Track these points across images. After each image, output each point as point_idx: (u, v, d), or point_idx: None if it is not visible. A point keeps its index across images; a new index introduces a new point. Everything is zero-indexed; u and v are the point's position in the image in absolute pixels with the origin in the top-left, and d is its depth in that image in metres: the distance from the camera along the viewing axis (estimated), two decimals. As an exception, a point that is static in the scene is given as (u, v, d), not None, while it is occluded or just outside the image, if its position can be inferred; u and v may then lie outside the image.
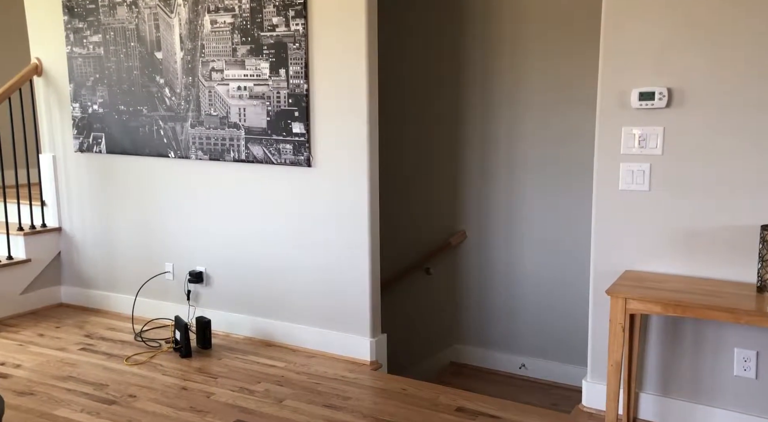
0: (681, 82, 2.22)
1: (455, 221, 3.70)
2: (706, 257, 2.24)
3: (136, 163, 3.44)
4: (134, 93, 3.36)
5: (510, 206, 3.52)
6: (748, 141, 2.15)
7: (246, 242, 3.20)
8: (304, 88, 2.91)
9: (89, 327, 3.43)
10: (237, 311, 3.28)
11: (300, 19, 2.87)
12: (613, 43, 2.31)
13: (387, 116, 3.80)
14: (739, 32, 2.12)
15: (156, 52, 3.26)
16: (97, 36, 3.41)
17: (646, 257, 2.34)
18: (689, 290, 2.10)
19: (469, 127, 3.60)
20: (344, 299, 2.98)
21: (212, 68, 3.12)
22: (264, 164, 3.07)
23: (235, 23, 3.02)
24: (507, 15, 3.40)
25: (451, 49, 3.60)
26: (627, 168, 2.34)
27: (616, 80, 2.32)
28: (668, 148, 2.27)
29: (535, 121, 3.40)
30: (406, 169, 3.83)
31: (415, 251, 3.83)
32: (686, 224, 2.27)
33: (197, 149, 3.22)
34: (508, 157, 3.49)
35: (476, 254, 3.66)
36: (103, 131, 3.49)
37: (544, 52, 3.34)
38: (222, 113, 3.13)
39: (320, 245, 3.00)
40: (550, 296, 3.48)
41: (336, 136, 2.89)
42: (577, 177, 3.33)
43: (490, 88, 3.51)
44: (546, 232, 3.44)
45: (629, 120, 2.32)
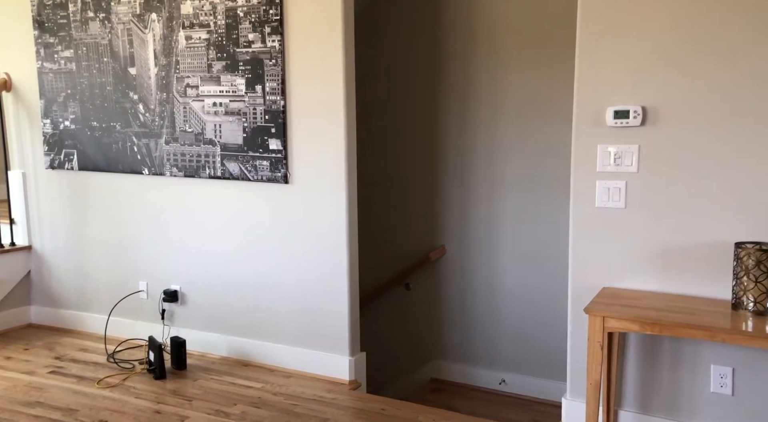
0: (655, 101, 2.25)
1: (435, 236, 3.69)
2: (681, 274, 2.26)
3: (110, 180, 3.37)
4: (107, 109, 3.30)
5: (489, 221, 3.53)
6: (721, 159, 2.17)
7: (222, 260, 3.15)
8: (280, 105, 2.89)
9: (60, 348, 3.34)
10: (213, 330, 3.22)
11: (276, 36, 2.85)
12: (587, 63, 2.33)
13: (365, 132, 3.79)
14: (711, 53, 2.15)
15: (129, 67, 3.21)
16: (68, 51, 3.35)
17: (623, 274, 2.35)
18: (666, 308, 2.11)
19: (447, 142, 3.60)
20: (322, 317, 2.94)
21: (187, 84, 3.08)
22: (240, 181, 3.03)
23: (211, 39, 2.99)
24: (485, 30, 3.42)
25: (428, 64, 3.61)
26: (603, 186, 2.36)
27: (592, 99, 2.34)
28: (643, 166, 2.29)
29: (514, 136, 3.42)
30: (384, 184, 3.82)
31: (394, 266, 3.81)
32: (662, 241, 2.28)
33: (172, 166, 3.17)
34: (487, 172, 3.50)
35: (456, 269, 3.65)
36: (75, 148, 3.42)
37: (521, 67, 3.36)
38: (197, 129, 3.09)
39: (298, 262, 2.97)
40: (529, 311, 3.48)
41: (314, 152, 2.86)
42: (556, 192, 3.34)
43: (469, 103, 3.52)
44: (526, 247, 3.45)
45: (605, 138, 2.34)
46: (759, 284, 1.97)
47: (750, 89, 2.11)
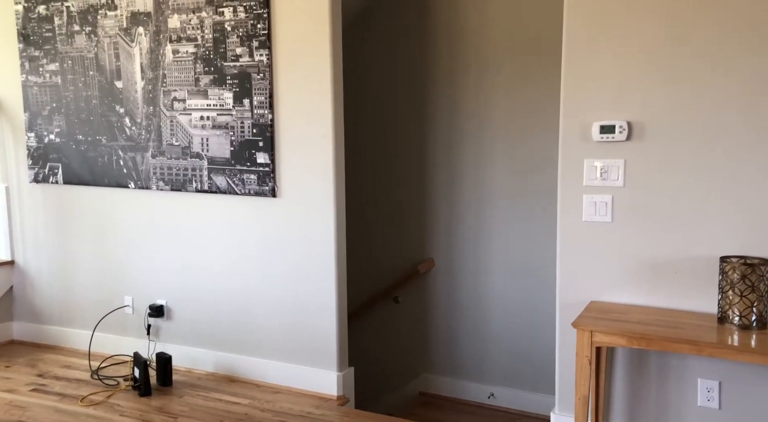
0: (640, 116, 2.27)
1: (423, 248, 3.69)
2: (668, 288, 2.27)
3: (95, 194, 3.34)
4: (93, 123, 3.27)
5: (477, 233, 3.53)
6: (706, 173, 2.20)
7: (209, 274, 3.12)
8: (268, 118, 2.88)
9: (42, 365, 3.28)
10: (199, 345, 3.18)
11: (264, 50, 2.85)
12: (573, 78, 2.35)
13: (353, 145, 3.79)
14: (695, 69, 2.18)
15: (116, 81, 3.19)
16: (54, 64, 3.32)
17: (610, 288, 2.36)
18: (653, 322, 2.12)
19: (435, 155, 3.61)
20: (310, 332, 2.92)
21: (174, 98, 3.06)
22: (227, 195, 3.01)
23: (198, 53, 2.98)
24: (472, 44, 3.45)
25: (416, 78, 3.63)
26: (590, 200, 2.37)
27: (578, 114, 2.36)
28: (629, 180, 2.31)
29: (501, 149, 3.44)
30: (372, 197, 3.81)
31: (383, 279, 3.80)
32: (648, 255, 2.30)
33: (158, 180, 3.14)
34: (475, 185, 3.51)
35: (444, 281, 3.64)
36: (59, 161, 3.38)
37: (508, 81, 3.39)
38: (184, 142, 3.07)
39: (285, 276, 2.95)
40: (518, 324, 3.48)
41: (302, 166, 2.86)
42: (544, 205, 3.36)
43: (457, 115, 3.54)
44: (514, 259, 3.46)
45: (591, 152, 2.36)
46: (744, 298, 1.99)
47: (734, 104, 2.14)
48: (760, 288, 1.98)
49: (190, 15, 2.97)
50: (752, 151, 2.13)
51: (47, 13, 3.28)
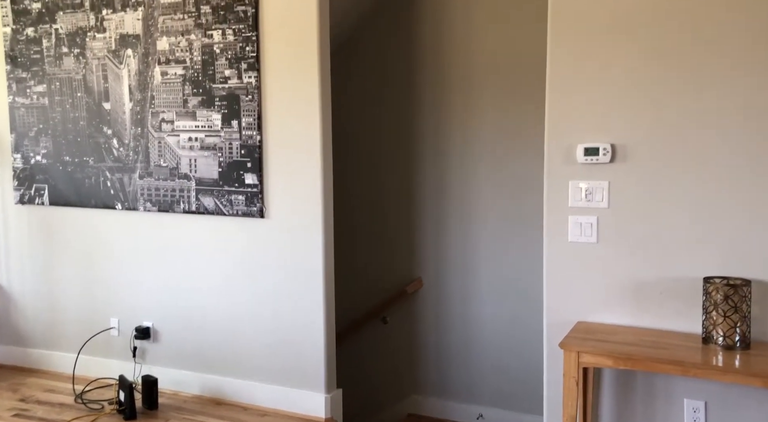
0: (623, 138, 2.31)
1: (411, 268, 3.70)
2: (653, 308, 2.29)
3: (81, 215, 3.32)
4: (80, 144, 3.27)
5: (465, 253, 3.55)
6: (689, 195, 2.23)
7: (196, 295, 3.10)
8: (257, 140, 2.90)
9: (25, 389, 3.22)
10: (186, 368, 3.15)
11: (253, 72, 2.87)
12: (557, 101, 2.39)
13: (340, 166, 3.81)
14: (677, 92, 2.23)
15: (104, 102, 3.20)
16: (41, 86, 3.32)
17: (597, 309, 2.38)
18: (639, 343, 2.13)
19: (423, 175, 3.64)
20: (297, 354, 2.90)
21: (162, 119, 3.07)
22: (215, 216, 3.01)
23: (187, 75, 3.00)
24: (458, 65, 3.50)
25: (403, 100, 3.66)
26: (575, 221, 2.40)
27: (562, 136, 2.39)
28: (613, 201, 2.34)
29: (488, 170, 3.47)
30: (360, 217, 3.82)
31: (371, 300, 3.79)
32: (633, 275, 2.32)
33: (146, 201, 3.14)
34: (462, 205, 3.54)
35: (433, 301, 3.65)
36: (46, 183, 3.36)
37: (494, 103, 3.43)
38: (172, 164, 3.07)
39: (273, 298, 2.94)
40: (506, 344, 3.48)
41: (290, 186, 2.86)
42: (530, 225, 3.39)
43: (443, 136, 3.57)
44: (502, 279, 3.47)
45: (576, 174, 2.39)
46: (728, 319, 2.01)
47: (716, 128, 2.18)
48: (743, 309, 2.01)
49: (179, 37, 2.99)
50: (735, 173, 2.17)
51: (35, 35, 3.28)
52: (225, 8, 2.88)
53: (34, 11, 3.27)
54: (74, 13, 3.19)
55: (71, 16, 3.20)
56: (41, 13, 3.26)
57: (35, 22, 3.27)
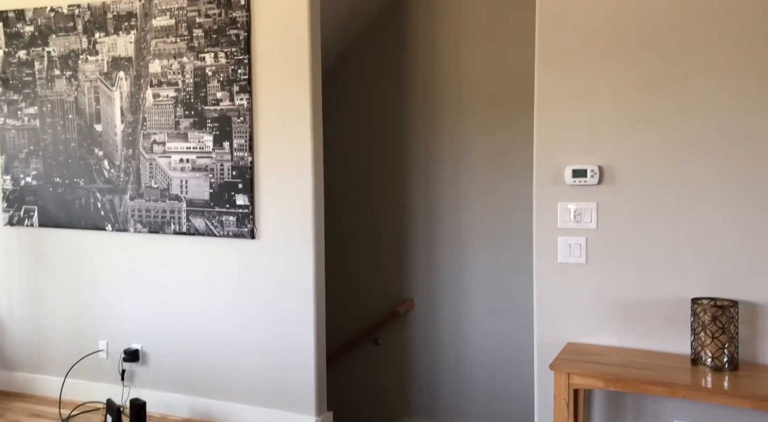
0: (610, 160, 2.34)
1: (403, 289, 3.70)
2: (642, 329, 2.30)
3: (71, 236, 3.30)
4: (71, 165, 3.27)
5: (456, 273, 3.56)
6: (676, 217, 2.26)
7: (186, 317, 3.08)
8: (248, 161, 2.91)
9: (10, 414, 3.17)
10: (175, 390, 3.11)
11: (245, 94, 2.89)
12: (545, 123, 2.42)
13: (331, 187, 3.83)
14: (664, 115, 2.26)
15: (95, 124, 3.21)
16: (33, 108, 3.33)
17: (586, 330, 2.39)
18: (629, 364, 2.14)
19: (414, 196, 3.66)
20: (288, 376, 2.89)
21: (154, 141, 3.08)
22: (206, 237, 3.01)
23: (179, 97, 3.01)
24: (448, 86, 3.54)
25: (394, 121, 3.70)
26: (564, 242, 2.41)
27: (551, 158, 2.42)
28: (602, 222, 2.36)
29: (478, 190, 3.49)
30: (351, 238, 3.83)
31: (362, 321, 3.78)
32: (622, 296, 2.33)
33: (136, 222, 3.13)
34: (453, 225, 3.55)
35: (424, 322, 3.64)
36: (36, 204, 3.35)
37: (483, 124, 3.47)
38: (163, 185, 3.07)
39: (263, 319, 2.93)
40: (498, 365, 3.48)
41: (281, 207, 2.87)
42: (520, 246, 3.40)
43: (433, 158, 3.60)
44: (493, 299, 3.48)
45: (564, 195, 2.41)
46: (716, 340, 2.03)
47: (702, 150, 2.22)
48: (730, 330, 2.02)
49: (171, 60, 3.01)
50: (721, 194, 2.20)
51: (28, 58, 3.30)
52: (217, 32, 2.91)
53: (26, 34, 3.29)
54: (67, 36, 3.21)
55: (64, 39, 3.22)
56: (34, 36, 3.28)
57: (28, 45, 3.29)
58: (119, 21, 3.10)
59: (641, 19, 2.26)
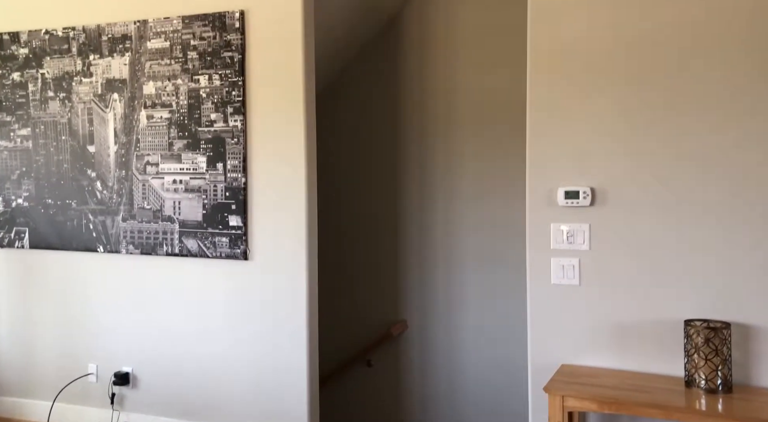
0: (603, 182, 2.36)
1: (396, 310, 3.68)
2: (636, 351, 2.30)
3: (62, 258, 3.28)
4: (63, 186, 3.25)
5: (449, 294, 3.55)
6: (667, 237, 2.27)
7: (177, 339, 3.05)
8: (241, 182, 2.91)
9: (-3, 439, 3.12)
10: (165, 414, 3.07)
11: (239, 116, 2.91)
12: (538, 145, 2.44)
13: (325, 207, 3.83)
14: (652, 138, 2.29)
15: (88, 145, 3.20)
16: (25, 129, 3.33)
17: (580, 351, 2.38)
18: (623, 386, 2.13)
19: (407, 217, 3.66)
20: (280, 399, 2.85)
21: (147, 162, 3.08)
22: (198, 258, 3.00)
23: (173, 118, 3.02)
24: (441, 109, 3.57)
25: (388, 142, 3.72)
26: (558, 263, 2.42)
27: (543, 180, 2.44)
28: (594, 244, 2.38)
29: (471, 211, 3.51)
30: (345, 259, 3.82)
31: (355, 342, 3.76)
32: (616, 318, 2.34)
33: (128, 243, 3.11)
34: (446, 246, 3.56)
35: (418, 343, 3.62)
36: (27, 226, 3.33)
37: (476, 144, 3.49)
38: (156, 206, 3.07)
39: (256, 340, 2.90)
40: (492, 386, 3.46)
41: (274, 229, 2.87)
42: (514, 266, 3.41)
43: (427, 179, 3.61)
44: (486, 320, 3.47)
45: (557, 217, 2.42)
46: (709, 362, 2.03)
47: (692, 172, 2.24)
48: (723, 352, 2.03)
49: (166, 82, 3.03)
50: (712, 217, 2.22)
51: (21, 79, 3.31)
52: (212, 54, 2.93)
53: (21, 56, 3.30)
54: (61, 59, 3.23)
55: (58, 61, 3.23)
56: (28, 58, 3.29)
57: (22, 67, 3.30)
58: (114, 43, 3.11)
59: (632, 44, 2.30)
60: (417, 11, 3.60)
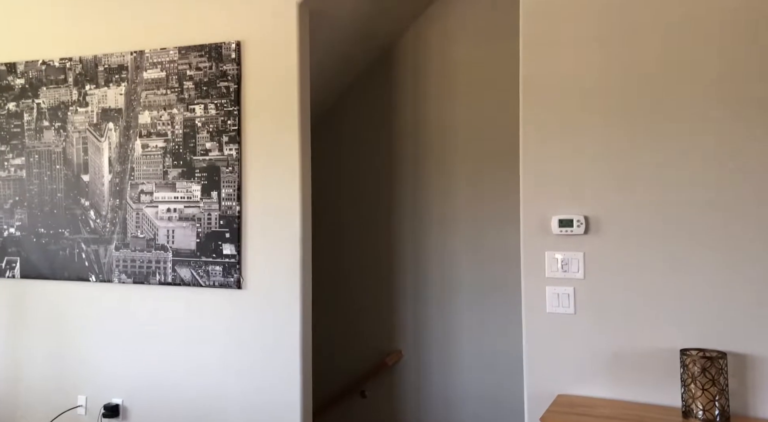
0: (596, 210, 2.37)
1: (391, 340, 3.65)
2: (632, 381, 2.28)
3: (53, 288, 3.24)
4: (56, 216, 3.24)
5: (445, 323, 3.53)
6: (663, 266, 2.28)
7: (169, 370, 3.01)
8: (236, 210, 2.91)
9: (-18, 475, 3.04)
10: (156, 448, 3.01)
11: (234, 144, 2.92)
12: (531, 173, 2.46)
13: (319, 236, 3.83)
14: (644, 165, 2.31)
15: (83, 174, 3.20)
16: (20, 159, 3.33)
17: (577, 381, 2.36)
18: (619, 416, 2.11)
19: (402, 245, 3.66)
20: (274, 432, 2.80)
21: (141, 190, 3.08)
22: (191, 287, 2.97)
23: (168, 147, 3.03)
24: (436, 137, 3.60)
25: (382, 172, 3.73)
26: (552, 291, 2.42)
27: (537, 208, 2.45)
28: (589, 272, 2.37)
29: (466, 239, 3.51)
30: (339, 288, 3.80)
31: (350, 373, 3.71)
32: (611, 347, 2.32)
33: (121, 272, 3.09)
34: (441, 275, 3.55)
35: (413, 373, 3.58)
36: (18, 255, 3.31)
37: (471, 173, 3.51)
38: (149, 235, 3.05)
39: (248, 372, 2.86)
40: (487, 417, 3.41)
41: (268, 257, 2.85)
42: (509, 295, 3.40)
43: (421, 208, 3.62)
44: (482, 349, 3.44)
45: (552, 245, 2.43)
46: (706, 392, 2.01)
47: (686, 202, 2.26)
48: (720, 382, 2.01)
49: (161, 111, 3.04)
50: (707, 245, 2.23)
51: (17, 109, 3.32)
52: (208, 84, 2.96)
53: (17, 87, 3.32)
54: (57, 89, 3.25)
55: (54, 91, 3.25)
56: (24, 89, 3.30)
57: (18, 97, 3.32)
58: (110, 73, 3.14)
59: (623, 74, 2.34)
60: (412, 42, 3.66)
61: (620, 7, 2.33)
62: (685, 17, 2.25)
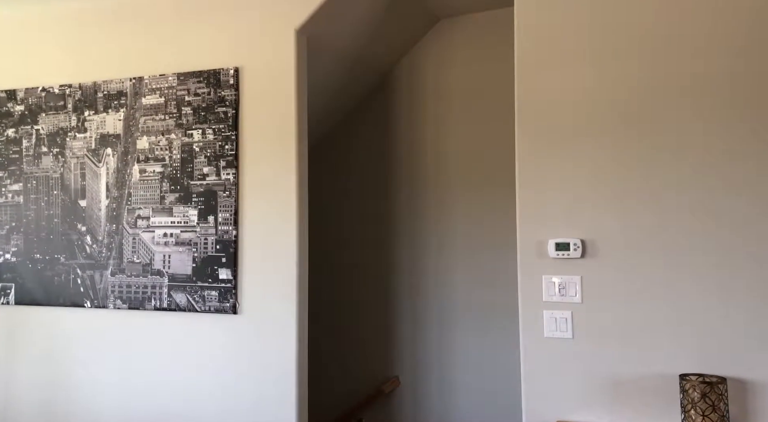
0: (593, 234, 2.37)
1: (388, 366, 3.61)
2: (632, 406, 2.25)
3: (48, 314, 3.22)
4: (53, 241, 3.24)
5: (442, 350, 3.49)
6: (660, 290, 2.26)
7: (163, 396, 2.96)
8: (232, 235, 2.90)
9: None
10: (149, 478, 2.95)
11: (231, 169, 2.93)
12: (528, 197, 2.46)
13: (316, 262, 3.81)
14: (642, 189, 2.32)
15: (80, 200, 3.21)
16: (17, 185, 3.33)
17: (575, 407, 2.33)
18: (621, 444, 2.07)
19: (399, 270, 3.65)
20: (269, 460, 2.75)
21: (138, 215, 3.08)
22: (187, 312, 2.95)
23: (165, 172, 3.04)
24: (432, 161, 3.61)
25: (379, 194, 3.74)
26: (550, 315, 2.40)
27: (534, 231, 2.44)
28: (586, 296, 2.36)
29: (463, 264, 3.50)
30: (335, 314, 3.77)
31: (346, 400, 3.66)
32: (610, 372, 2.30)
33: (116, 298, 3.07)
34: (438, 300, 3.52)
35: (410, 400, 3.53)
36: (13, 281, 3.29)
37: (467, 196, 3.52)
38: (146, 260, 3.04)
39: (243, 399, 2.82)
40: (487, 444, 3.35)
41: (265, 282, 2.84)
42: (507, 319, 3.37)
43: (418, 232, 3.62)
44: (480, 376, 3.40)
45: (549, 269, 2.42)
46: (706, 418, 1.98)
47: (683, 225, 2.25)
48: (720, 407, 1.99)
49: (159, 137, 3.06)
50: (705, 269, 2.22)
51: (16, 136, 3.34)
52: (206, 109, 2.98)
53: (16, 113, 3.34)
54: (56, 115, 3.27)
55: (53, 117, 3.27)
56: (23, 115, 3.33)
57: (17, 123, 3.34)
58: (109, 100, 3.17)
59: (616, 97, 2.36)
60: (408, 68, 3.70)
61: (615, 26, 2.36)
62: (675, 34, 2.28)
